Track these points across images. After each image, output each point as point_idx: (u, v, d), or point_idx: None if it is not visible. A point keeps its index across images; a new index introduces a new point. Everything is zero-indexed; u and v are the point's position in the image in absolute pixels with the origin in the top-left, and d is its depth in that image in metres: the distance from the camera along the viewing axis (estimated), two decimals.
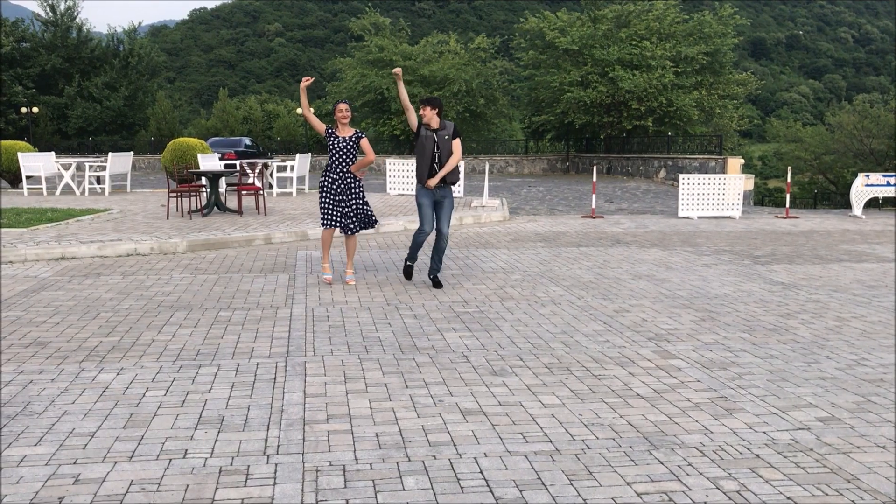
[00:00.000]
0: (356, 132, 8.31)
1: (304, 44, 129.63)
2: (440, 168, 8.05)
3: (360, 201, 8.32)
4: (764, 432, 4.29)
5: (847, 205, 19.60)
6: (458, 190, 18.14)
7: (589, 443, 4.11)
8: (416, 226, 13.08)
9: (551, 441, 4.13)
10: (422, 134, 8.09)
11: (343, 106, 8.20)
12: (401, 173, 19.44)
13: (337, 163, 8.22)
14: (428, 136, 8.06)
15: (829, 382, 5.18)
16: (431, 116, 8.01)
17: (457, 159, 8.08)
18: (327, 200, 8.25)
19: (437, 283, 8.37)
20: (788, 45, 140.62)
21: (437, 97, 8.25)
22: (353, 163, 8.27)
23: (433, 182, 7.99)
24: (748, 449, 4.05)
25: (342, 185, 8.22)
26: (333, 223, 8.27)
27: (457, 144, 8.10)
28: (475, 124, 39.92)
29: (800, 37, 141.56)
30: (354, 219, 8.30)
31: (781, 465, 3.85)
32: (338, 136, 8.23)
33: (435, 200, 8.13)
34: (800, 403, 4.77)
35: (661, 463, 3.86)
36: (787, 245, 12.09)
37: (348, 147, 8.22)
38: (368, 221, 8.41)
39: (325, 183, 8.25)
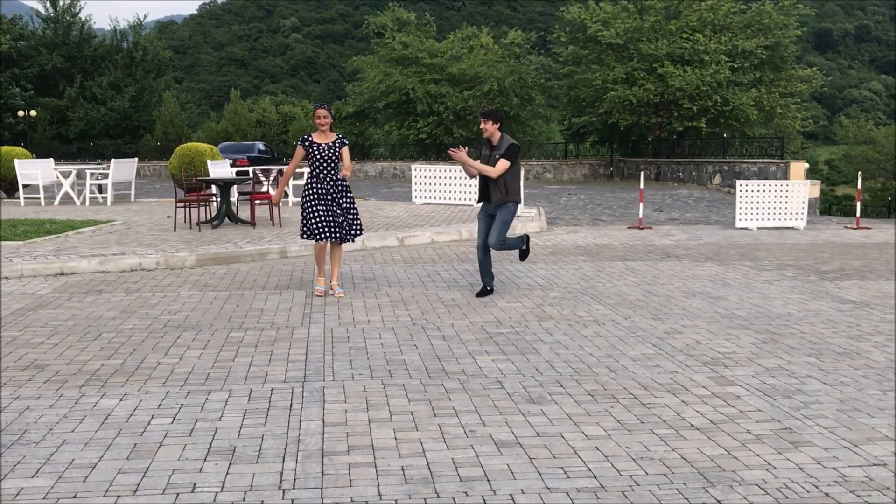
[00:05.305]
0: (338, 137, 8.63)
1: (323, 40, 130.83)
2: (493, 186, 8.46)
3: (353, 208, 8.67)
4: (834, 468, 4.23)
5: None
6: None
7: (637, 479, 4.08)
8: (444, 238, 13.39)
9: (595, 477, 4.10)
10: (482, 154, 8.59)
11: (321, 112, 8.55)
12: (427, 181, 19.28)
13: (324, 171, 8.51)
14: (482, 157, 8.54)
15: None
16: (493, 131, 8.44)
17: (490, 170, 8.36)
18: (317, 211, 8.48)
19: (481, 293, 8.81)
20: (857, 37, 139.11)
21: (496, 110, 8.59)
22: (337, 169, 8.56)
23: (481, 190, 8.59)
24: (816, 487, 4.00)
25: (334, 192, 8.51)
26: (325, 235, 8.50)
27: (501, 163, 8.35)
28: (509, 126, 39.89)
29: (870, 27, 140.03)
30: (349, 227, 8.60)
31: None
32: (319, 144, 8.54)
33: (489, 214, 8.61)
34: (874, 436, 4.69)
35: (719, 502, 3.82)
36: (857, 259, 11.94)
37: (332, 153, 8.53)
38: (356, 231, 8.70)
39: (313, 193, 8.52)
